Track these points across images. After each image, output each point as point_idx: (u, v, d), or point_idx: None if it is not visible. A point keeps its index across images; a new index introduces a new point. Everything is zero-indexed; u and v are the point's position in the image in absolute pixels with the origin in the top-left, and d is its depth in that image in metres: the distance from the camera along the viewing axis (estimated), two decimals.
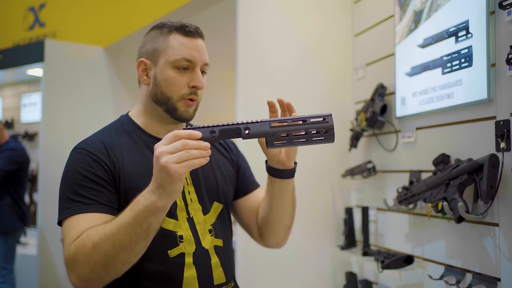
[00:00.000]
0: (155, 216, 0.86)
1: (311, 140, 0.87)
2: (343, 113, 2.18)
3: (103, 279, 0.92)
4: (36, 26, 4.43)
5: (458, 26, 1.48)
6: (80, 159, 1.03)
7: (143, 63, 1.16)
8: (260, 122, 0.87)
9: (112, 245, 0.88)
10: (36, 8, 4.44)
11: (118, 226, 0.88)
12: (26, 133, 4.70)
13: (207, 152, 0.84)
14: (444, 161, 1.52)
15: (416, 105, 1.69)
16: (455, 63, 1.50)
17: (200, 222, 1.12)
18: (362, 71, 2.13)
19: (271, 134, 0.86)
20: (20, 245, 3.89)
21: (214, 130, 0.86)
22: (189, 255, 1.07)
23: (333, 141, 0.87)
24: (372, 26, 2.07)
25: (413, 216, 1.73)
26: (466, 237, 1.45)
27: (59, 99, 3.49)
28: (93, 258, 0.89)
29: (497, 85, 1.35)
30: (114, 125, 1.16)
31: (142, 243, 0.89)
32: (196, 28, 1.12)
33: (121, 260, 0.89)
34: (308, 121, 0.86)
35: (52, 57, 3.49)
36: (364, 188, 2.09)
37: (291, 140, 0.87)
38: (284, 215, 1.19)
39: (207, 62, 1.14)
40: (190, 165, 0.82)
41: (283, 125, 0.87)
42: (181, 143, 0.82)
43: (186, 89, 1.10)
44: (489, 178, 1.28)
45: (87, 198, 0.98)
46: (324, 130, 0.86)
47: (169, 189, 0.84)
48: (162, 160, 0.82)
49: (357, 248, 2.03)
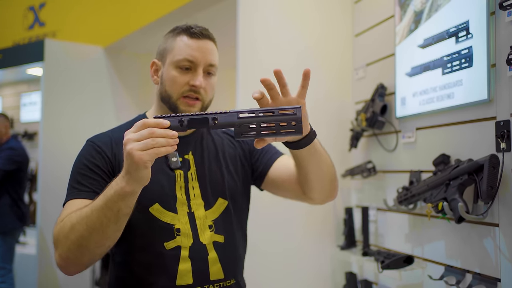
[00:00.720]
0: (124, 201, 0.89)
1: (280, 132, 0.86)
2: (343, 113, 2.18)
3: (80, 260, 0.97)
4: (36, 26, 4.43)
5: (459, 26, 1.48)
6: (86, 150, 1.12)
7: (155, 64, 1.20)
8: (228, 112, 0.87)
9: (86, 227, 0.92)
10: (36, 7, 4.44)
11: (92, 209, 0.92)
12: (26, 133, 4.70)
13: (174, 140, 0.85)
14: (444, 161, 1.52)
15: (416, 105, 1.69)
16: (455, 63, 1.50)
17: (200, 217, 1.13)
18: (362, 71, 2.13)
19: (238, 125, 0.86)
20: (19, 245, 3.89)
21: (183, 119, 0.87)
22: (185, 249, 1.09)
23: (301, 134, 0.86)
24: (373, 26, 2.07)
25: (413, 216, 1.73)
26: (466, 237, 1.45)
27: (58, 99, 3.49)
28: (70, 238, 0.94)
29: (497, 86, 1.35)
30: (129, 122, 1.21)
31: (112, 227, 0.92)
32: (202, 30, 1.15)
33: (94, 242, 0.93)
34: (277, 113, 0.86)
35: (52, 56, 3.49)
36: (364, 188, 2.09)
37: (259, 131, 0.86)
38: (321, 173, 1.14)
39: (212, 63, 1.15)
40: (155, 152, 0.83)
41: (251, 116, 0.86)
42: (148, 131, 0.84)
43: (186, 87, 1.12)
44: (489, 179, 1.28)
45: (83, 185, 1.06)
46: (292, 122, 0.85)
47: (136, 176, 0.85)
48: (127, 147, 0.84)
49: (357, 248, 2.02)
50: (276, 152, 1.31)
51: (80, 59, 3.63)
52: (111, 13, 3.67)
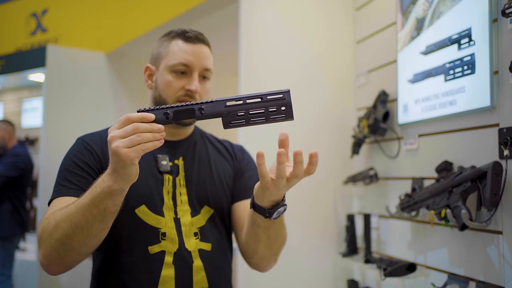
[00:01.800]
0: (111, 199, 0.86)
1: (270, 118, 0.82)
2: (345, 120, 2.18)
3: (63, 259, 0.95)
4: (38, 32, 4.44)
5: (461, 33, 1.48)
6: (75, 148, 1.11)
7: (149, 68, 1.19)
8: (215, 101, 0.83)
9: (70, 224, 0.89)
10: (38, 13, 4.46)
11: (77, 206, 0.90)
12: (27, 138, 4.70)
13: (161, 134, 0.82)
14: (447, 168, 1.52)
15: (419, 112, 1.69)
16: (457, 70, 1.50)
17: (186, 224, 1.11)
18: (364, 77, 2.13)
19: (226, 113, 0.83)
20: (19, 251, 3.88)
21: (168, 111, 0.83)
22: (170, 254, 1.07)
23: (292, 119, 0.82)
24: (374, 33, 2.07)
25: (416, 223, 1.72)
26: (470, 245, 1.44)
27: (60, 105, 3.49)
28: (54, 236, 0.92)
29: (500, 93, 1.34)
30: None
31: (98, 225, 0.89)
32: (197, 34, 1.13)
33: (77, 240, 0.91)
34: (265, 98, 0.82)
35: (54, 62, 3.49)
36: (366, 195, 2.08)
37: (248, 119, 0.82)
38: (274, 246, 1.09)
39: (207, 68, 1.14)
40: (142, 149, 0.80)
41: (239, 103, 0.83)
42: (132, 127, 0.80)
43: (181, 92, 1.11)
44: (493, 186, 1.27)
45: (71, 182, 1.04)
46: (282, 106, 0.81)
47: (123, 174, 0.83)
48: (113, 145, 0.81)
49: (359, 256, 2.01)
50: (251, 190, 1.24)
51: (82, 65, 3.64)
52: (113, 20, 3.68)
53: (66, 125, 3.48)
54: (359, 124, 2.01)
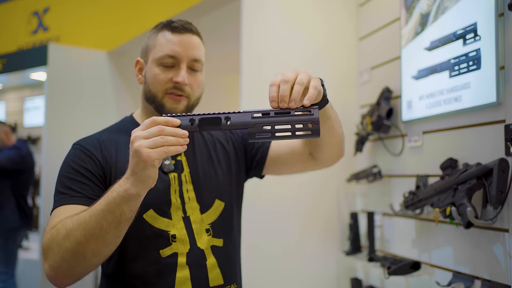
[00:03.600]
0: (127, 204, 0.84)
1: (295, 134, 0.82)
2: (348, 117, 2.16)
3: (74, 269, 0.90)
4: (40, 30, 4.44)
5: (466, 28, 1.46)
6: (74, 154, 1.05)
7: (139, 62, 1.16)
8: (242, 112, 0.83)
9: (83, 232, 0.86)
10: (40, 12, 4.45)
11: (91, 213, 0.86)
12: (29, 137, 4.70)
13: (185, 140, 0.81)
14: (452, 165, 1.50)
15: (423, 108, 1.67)
16: (462, 66, 1.47)
17: (196, 221, 1.09)
18: (367, 74, 2.11)
19: (252, 125, 0.82)
20: (22, 250, 3.88)
21: (194, 118, 0.83)
22: (182, 255, 1.05)
23: (319, 136, 0.81)
24: (378, 29, 2.05)
25: (420, 221, 1.70)
26: (475, 243, 1.42)
27: (62, 103, 3.48)
28: (64, 246, 0.87)
29: (506, 88, 1.32)
30: (116, 125, 1.17)
31: (113, 232, 0.86)
32: (184, 24, 1.09)
33: (90, 249, 0.87)
34: (292, 113, 0.82)
35: (56, 61, 3.48)
36: (370, 192, 2.07)
37: (273, 133, 0.82)
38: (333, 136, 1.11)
39: (196, 58, 1.09)
40: (164, 151, 0.79)
41: (266, 117, 0.82)
42: (157, 128, 0.80)
43: (169, 84, 1.08)
44: (499, 183, 1.25)
45: (74, 190, 0.99)
46: (309, 123, 0.81)
47: (142, 175, 0.81)
48: (135, 144, 0.80)
49: (362, 254, 2.00)
50: None
51: (84, 63, 3.63)
52: (115, 18, 3.67)
53: (68, 124, 3.48)
54: (362, 121, 1.99)
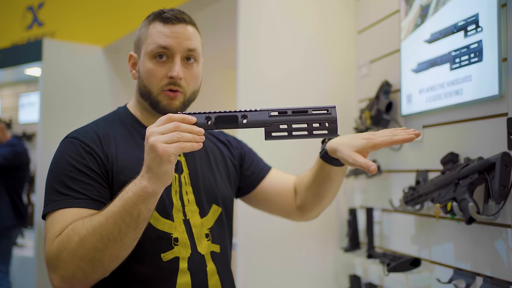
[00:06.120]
0: (145, 203, 0.81)
1: (313, 133, 0.82)
2: (346, 112, 2.13)
3: (89, 277, 0.86)
4: (35, 26, 4.39)
5: (468, 20, 1.43)
6: (71, 149, 0.98)
7: (132, 57, 1.11)
8: (259, 111, 0.82)
9: (100, 237, 0.82)
10: (34, 7, 4.41)
11: (107, 216, 0.82)
12: (24, 134, 4.66)
13: (201, 137, 0.80)
14: (453, 160, 1.47)
15: (423, 102, 1.64)
16: (464, 58, 1.44)
17: (196, 225, 1.05)
18: (366, 68, 2.08)
19: (270, 124, 0.82)
20: (17, 247, 3.85)
21: (210, 116, 0.82)
22: (184, 260, 1.01)
23: (336, 135, 0.82)
24: (376, 22, 2.02)
25: (420, 217, 1.68)
26: (477, 239, 1.40)
27: (57, 99, 3.45)
28: (79, 254, 0.83)
29: (509, 81, 1.29)
30: (110, 116, 1.12)
31: (131, 234, 0.83)
32: (176, 14, 1.04)
33: (109, 255, 0.83)
34: (310, 112, 0.81)
35: (51, 56, 3.44)
36: (369, 188, 2.04)
37: (290, 132, 0.82)
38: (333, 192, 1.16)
39: (191, 48, 1.04)
40: (181, 147, 0.78)
41: (283, 115, 0.82)
42: (174, 124, 0.79)
43: (165, 81, 1.03)
44: (502, 177, 1.22)
45: (77, 191, 0.93)
46: (326, 122, 0.81)
47: (158, 172, 0.79)
48: (151, 140, 0.78)
49: (361, 250, 1.97)
50: (265, 164, 1.26)
51: (79, 59, 3.59)
52: (110, 13, 3.64)
53: (63, 120, 3.44)
54: (361, 115, 1.97)
